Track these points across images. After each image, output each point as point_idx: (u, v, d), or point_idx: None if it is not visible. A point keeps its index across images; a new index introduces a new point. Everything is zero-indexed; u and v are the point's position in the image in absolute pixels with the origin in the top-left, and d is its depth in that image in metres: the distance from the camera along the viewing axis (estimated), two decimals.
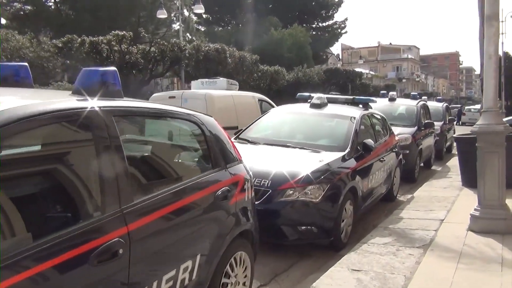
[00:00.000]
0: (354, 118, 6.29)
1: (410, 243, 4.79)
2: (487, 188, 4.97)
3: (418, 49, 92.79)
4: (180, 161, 3.04)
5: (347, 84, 39.65)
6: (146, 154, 2.83)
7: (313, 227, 4.84)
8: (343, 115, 6.41)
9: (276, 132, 6.51)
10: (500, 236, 4.84)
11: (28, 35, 22.78)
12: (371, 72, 69.11)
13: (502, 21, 34.41)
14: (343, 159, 5.48)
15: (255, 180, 4.88)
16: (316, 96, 6.82)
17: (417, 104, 10.98)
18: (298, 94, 7.50)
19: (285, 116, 6.83)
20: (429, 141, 11.00)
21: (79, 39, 17.55)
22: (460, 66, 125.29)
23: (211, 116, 3.42)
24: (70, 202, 2.07)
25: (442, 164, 12.28)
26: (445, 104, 15.51)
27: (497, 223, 4.91)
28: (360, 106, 7.16)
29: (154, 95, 9.98)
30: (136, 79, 20.51)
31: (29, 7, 33.73)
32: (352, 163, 5.55)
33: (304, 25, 52.15)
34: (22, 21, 32.68)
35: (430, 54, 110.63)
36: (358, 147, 5.88)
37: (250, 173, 3.65)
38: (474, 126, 5.10)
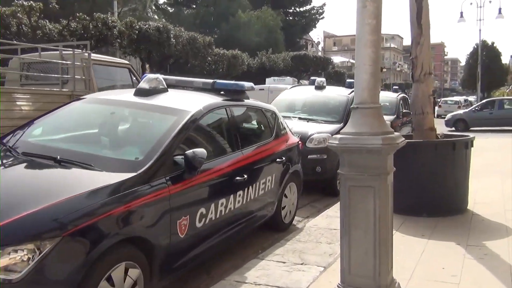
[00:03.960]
0: (188, 113, 3.91)
1: None
2: (355, 253, 2.64)
3: (402, 38, 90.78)
4: None
5: (319, 72, 37.43)
6: None
7: None
8: (171, 108, 4.01)
9: (66, 134, 4.09)
10: None
11: None
12: (351, 60, 66.73)
13: (481, 7, 32.30)
14: (130, 184, 3.10)
15: None
16: (147, 78, 4.40)
17: (349, 93, 8.64)
18: (144, 75, 5.07)
19: (92, 109, 4.38)
20: None
21: None
22: (445, 57, 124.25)
23: None
24: None
25: None
26: (402, 94, 13.24)
27: None
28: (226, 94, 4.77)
29: None
30: None
31: None
32: (147, 191, 3.18)
33: (281, 10, 49.58)
34: None
35: None
36: (178, 162, 3.51)
37: None
38: (334, 136, 2.75)
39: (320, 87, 8.83)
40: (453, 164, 5.31)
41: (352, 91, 8.96)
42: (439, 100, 39.46)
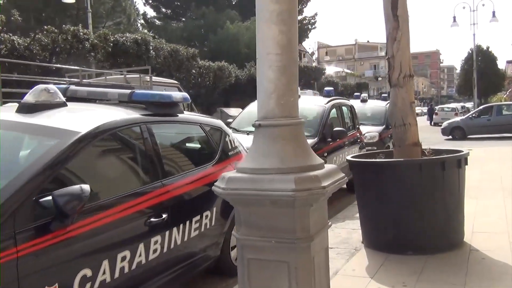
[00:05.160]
0: (75, 134, 2.85)
1: None
2: None
3: None
4: None
5: (311, 82, 36.59)
6: None
7: None
8: (52, 128, 2.96)
9: None
10: None
11: None
12: (346, 70, 66.03)
13: (474, 10, 31.47)
14: None
15: None
16: (34, 89, 3.34)
17: (327, 103, 7.60)
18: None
19: None
20: (341, 156, 7.62)
21: None
22: (441, 64, 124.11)
23: None
24: None
25: None
26: None
27: None
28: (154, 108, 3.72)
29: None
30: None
31: None
32: None
33: None
34: None
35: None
36: (46, 206, 2.45)
37: None
38: (222, 175, 1.67)
39: None
40: (442, 187, 4.23)
41: (331, 100, 8.03)
42: (435, 108, 38.54)
